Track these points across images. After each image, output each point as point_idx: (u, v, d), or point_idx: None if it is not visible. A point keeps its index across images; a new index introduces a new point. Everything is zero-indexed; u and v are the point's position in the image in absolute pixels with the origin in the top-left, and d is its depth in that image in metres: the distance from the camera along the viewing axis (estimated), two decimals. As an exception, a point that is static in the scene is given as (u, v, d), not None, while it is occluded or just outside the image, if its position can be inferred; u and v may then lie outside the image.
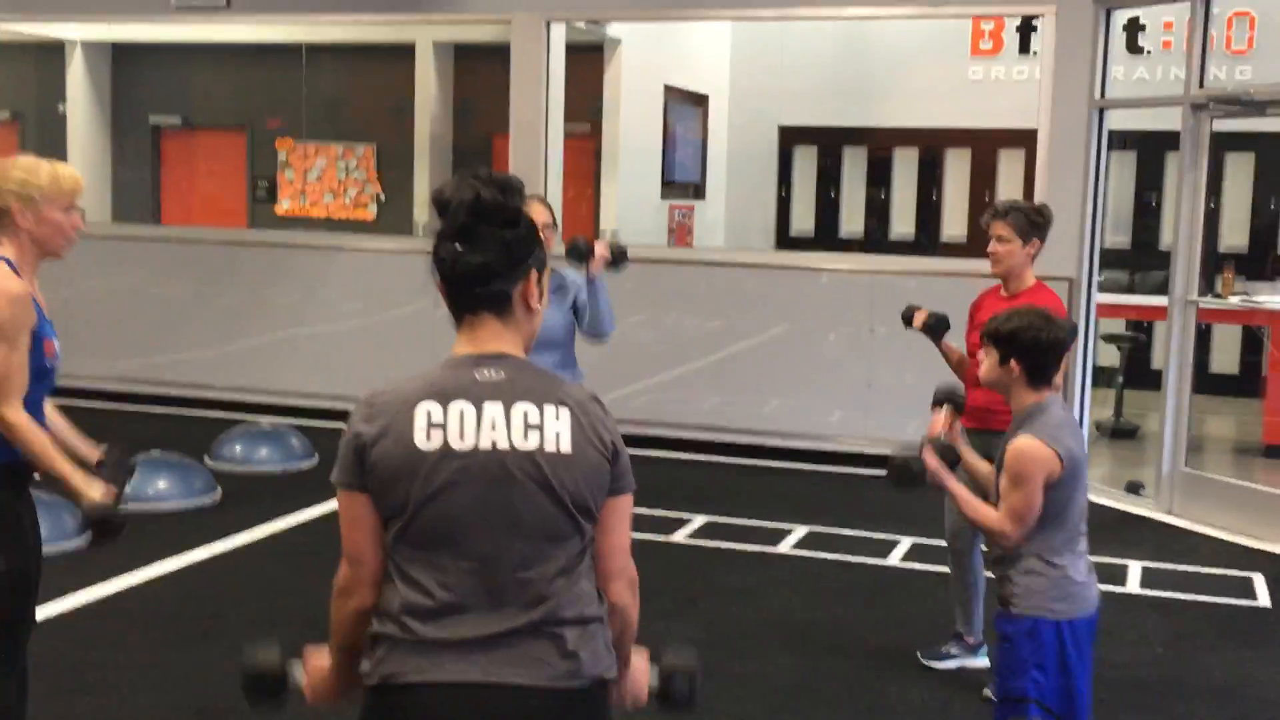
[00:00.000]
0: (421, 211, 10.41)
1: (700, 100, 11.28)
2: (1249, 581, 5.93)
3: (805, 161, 11.84)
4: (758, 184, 11.71)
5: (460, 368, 2.14)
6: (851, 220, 11.77)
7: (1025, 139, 8.27)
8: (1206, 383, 9.03)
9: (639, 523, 5.24)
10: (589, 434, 2.13)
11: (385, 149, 11.63)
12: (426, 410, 2.09)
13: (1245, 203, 10.74)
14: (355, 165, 11.76)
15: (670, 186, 10.87)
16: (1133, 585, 5.83)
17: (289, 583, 5.57)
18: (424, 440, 2.08)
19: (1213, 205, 10.40)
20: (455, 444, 2.07)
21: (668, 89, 10.58)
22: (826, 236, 11.72)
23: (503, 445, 2.08)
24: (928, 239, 11.44)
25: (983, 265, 8.86)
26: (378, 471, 2.09)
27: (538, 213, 4.62)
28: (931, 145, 11.37)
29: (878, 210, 11.67)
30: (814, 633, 5.13)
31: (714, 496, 7.21)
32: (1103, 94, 7.47)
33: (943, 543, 4.84)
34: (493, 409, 2.09)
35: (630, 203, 10.17)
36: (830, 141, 11.66)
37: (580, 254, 4.78)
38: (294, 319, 9.14)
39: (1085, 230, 7.50)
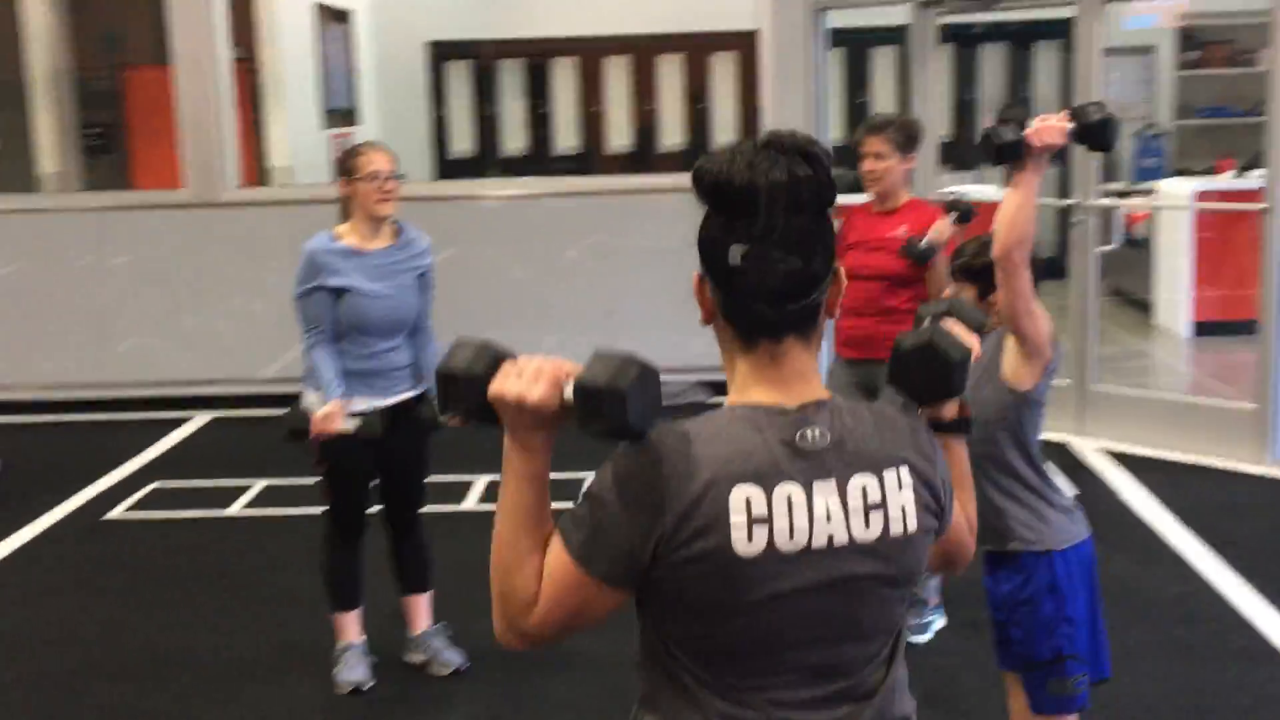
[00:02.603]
0: (50, 161, 8.96)
1: (343, 17, 10.36)
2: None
3: (459, 79, 11.18)
4: (410, 106, 10.96)
5: (772, 427, 1.55)
6: (513, 138, 11.27)
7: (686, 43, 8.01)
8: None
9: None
10: (927, 490, 1.61)
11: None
12: (745, 497, 1.51)
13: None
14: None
15: (331, 115, 9.95)
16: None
17: None
18: (744, 543, 1.50)
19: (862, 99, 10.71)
20: (783, 545, 1.51)
21: (319, 7, 9.61)
22: (487, 157, 11.17)
23: (840, 540, 1.54)
24: (593, 155, 11.14)
25: (652, 181, 8.74)
26: (673, 577, 1.51)
27: (381, 160, 3.90)
28: (591, 55, 11.01)
29: (540, 126, 11.22)
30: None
31: (492, 454, 6.62)
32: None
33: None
34: (825, 491, 1.54)
35: (293, 134, 9.21)
36: (484, 56, 11.05)
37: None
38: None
39: (814, 135, 7.38)
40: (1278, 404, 5.90)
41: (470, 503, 5.82)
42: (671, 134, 11.11)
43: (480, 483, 5.99)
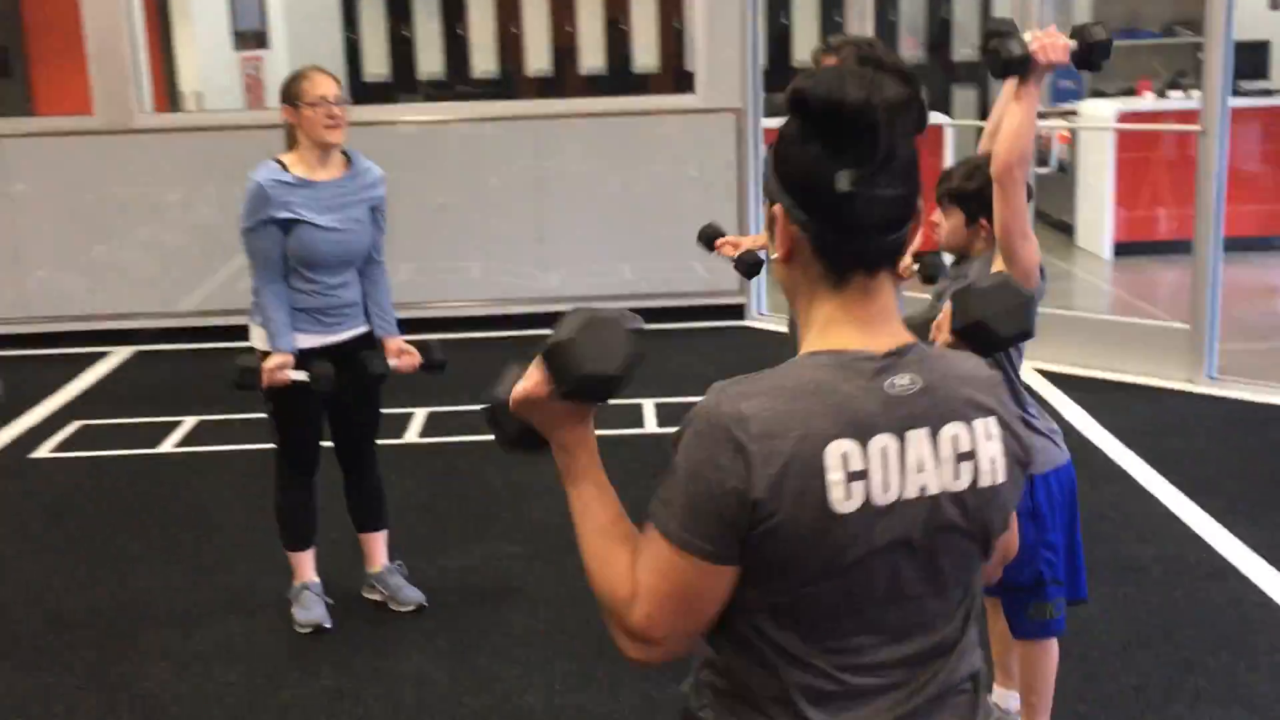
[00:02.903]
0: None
1: (251, -65, 9.98)
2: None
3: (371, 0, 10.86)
4: (322, 28, 10.62)
5: (861, 375, 1.46)
6: (429, 61, 10.98)
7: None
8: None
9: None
10: (1014, 443, 1.53)
11: None
12: (842, 452, 1.42)
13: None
14: None
15: (240, 37, 9.61)
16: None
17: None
18: (842, 499, 1.42)
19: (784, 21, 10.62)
20: (878, 498, 1.43)
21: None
22: (402, 80, 10.89)
23: (931, 490, 1.46)
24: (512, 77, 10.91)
25: (573, 105, 8.59)
26: (772, 544, 1.42)
27: (327, 85, 3.75)
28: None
29: (456, 49, 10.95)
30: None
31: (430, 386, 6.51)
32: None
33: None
34: (918, 440, 1.46)
35: (203, 57, 8.89)
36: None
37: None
38: None
39: (747, 57, 7.30)
40: (1211, 323, 5.99)
41: (411, 435, 5.72)
42: (591, 57, 10.92)
43: (420, 415, 5.88)
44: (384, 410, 4.13)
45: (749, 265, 4.33)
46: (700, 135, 7.46)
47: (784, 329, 7.16)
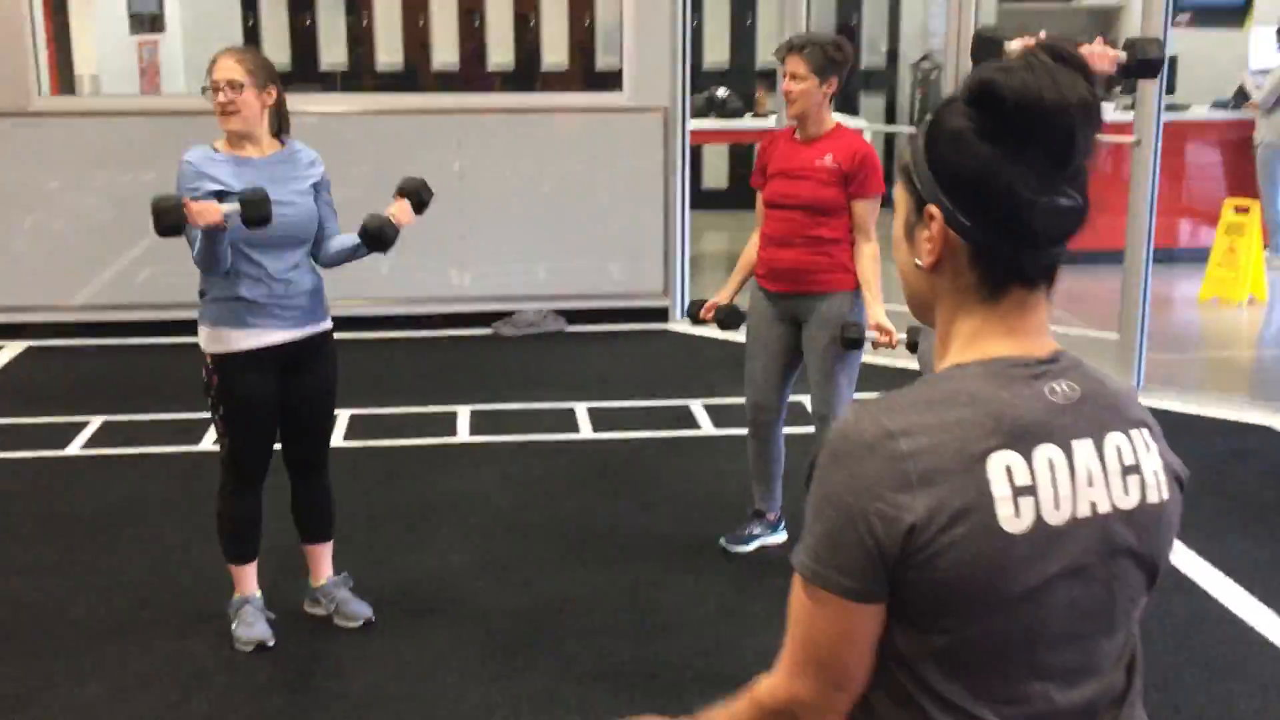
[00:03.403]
0: None
1: (148, -86, 9.56)
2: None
3: (272, -15, 10.49)
4: (220, 12, 10.22)
5: (1016, 381, 1.33)
6: (332, 51, 10.65)
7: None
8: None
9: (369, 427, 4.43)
10: (1171, 456, 1.42)
11: None
12: (1005, 465, 1.28)
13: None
14: None
15: (136, 20, 9.19)
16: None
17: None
18: (1011, 517, 1.27)
19: (749, 23, 10.55)
20: (1050, 517, 1.29)
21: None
22: (305, 70, 10.54)
23: (1103, 508, 1.33)
24: (419, 70, 10.63)
25: (485, 100, 8.42)
26: (932, 575, 1.27)
27: (221, 68, 3.53)
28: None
29: (360, 39, 10.64)
30: (592, 528, 4.56)
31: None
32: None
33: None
34: (1084, 451, 1.32)
35: (99, 40, 8.46)
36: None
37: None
38: None
39: (676, 56, 7.18)
40: (1141, 334, 6.04)
41: (336, 439, 5.46)
42: (501, 52, 10.70)
43: (344, 416, 5.64)
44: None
45: (726, 320, 4.25)
46: (627, 134, 7.31)
47: (708, 333, 7.08)
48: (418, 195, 3.75)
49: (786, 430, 4.39)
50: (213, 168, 3.50)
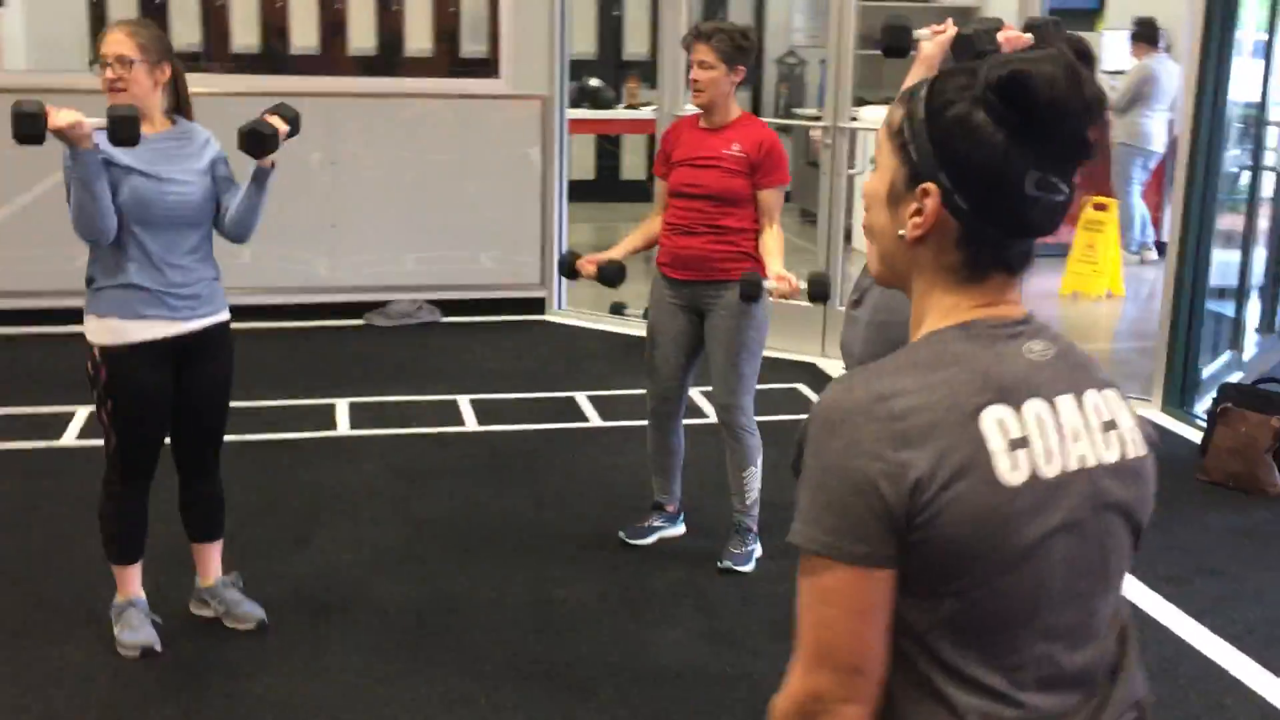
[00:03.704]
0: None
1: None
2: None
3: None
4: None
5: (998, 340, 1.34)
6: (185, 31, 10.26)
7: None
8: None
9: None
10: (1140, 419, 1.45)
11: None
12: (997, 419, 1.29)
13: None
14: None
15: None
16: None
17: None
18: (1009, 470, 1.28)
19: (617, 14, 10.45)
20: (1043, 470, 1.30)
21: None
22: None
23: (1090, 461, 1.35)
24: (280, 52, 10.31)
25: (345, 84, 8.33)
26: (939, 533, 1.26)
27: (106, 44, 3.35)
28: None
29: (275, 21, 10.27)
30: (481, 523, 4.45)
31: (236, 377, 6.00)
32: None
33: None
34: (1067, 406, 1.35)
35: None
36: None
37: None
38: None
39: (555, 44, 7.09)
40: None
41: (69, 438, 5.18)
42: (361, 37, 10.44)
43: (81, 414, 5.37)
44: (38, 409, 3.71)
45: (612, 274, 4.15)
46: (504, 122, 7.20)
47: (587, 324, 7.01)
48: (279, 111, 3.52)
49: (686, 422, 4.35)
50: (101, 141, 3.30)
